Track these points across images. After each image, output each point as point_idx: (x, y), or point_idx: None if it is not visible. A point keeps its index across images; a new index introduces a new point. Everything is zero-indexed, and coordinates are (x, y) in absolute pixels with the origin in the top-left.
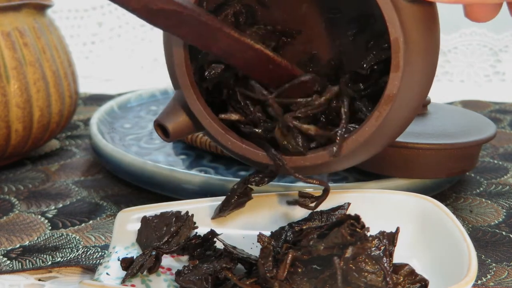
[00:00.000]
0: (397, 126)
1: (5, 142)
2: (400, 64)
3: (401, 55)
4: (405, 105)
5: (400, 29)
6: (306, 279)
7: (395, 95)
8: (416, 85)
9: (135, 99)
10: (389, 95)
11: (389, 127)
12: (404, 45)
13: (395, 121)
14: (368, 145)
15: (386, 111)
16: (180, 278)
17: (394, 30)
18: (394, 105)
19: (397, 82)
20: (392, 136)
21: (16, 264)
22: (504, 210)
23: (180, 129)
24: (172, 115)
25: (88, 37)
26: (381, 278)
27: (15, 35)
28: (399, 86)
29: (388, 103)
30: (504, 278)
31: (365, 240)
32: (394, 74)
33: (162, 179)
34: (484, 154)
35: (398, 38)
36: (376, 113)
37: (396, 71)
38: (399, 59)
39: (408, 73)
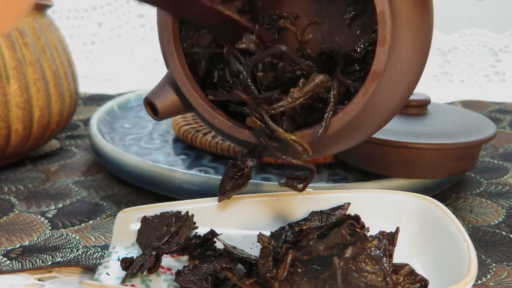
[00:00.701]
0: (388, 106)
1: (5, 142)
2: (386, 39)
3: (387, 28)
4: (395, 84)
5: (387, 2)
6: (306, 279)
7: (382, 70)
8: (407, 62)
9: (135, 99)
10: (376, 70)
11: (378, 107)
12: (390, 18)
13: (384, 100)
14: (356, 125)
15: (373, 88)
16: (180, 278)
17: (380, 2)
18: (382, 82)
19: (384, 57)
20: (383, 117)
21: (16, 264)
22: (504, 210)
23: (169, 107)
24: (161, 93)
25: (88, 37)
26: (381, 278)
27: (15, 35)
28: (386, 61)
29: (375, 79)
30: (504, 278)
31: (365, 240)
32: (380, 49)
33: (162, 179)
34: (484, 154)
35: (384, 11)
36: (363, 89)
37: (383, 45)
38: (386, 33)
39: (397, 49)
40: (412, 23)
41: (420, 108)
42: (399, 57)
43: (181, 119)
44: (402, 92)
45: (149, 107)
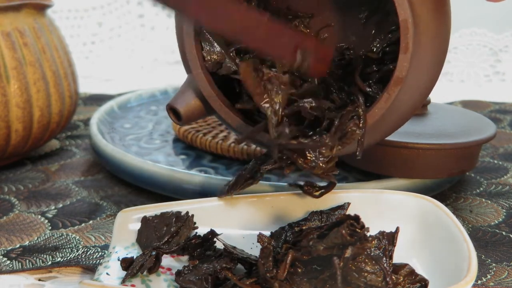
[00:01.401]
0: (407, 108)
1: (5, 142)
2: (409, 46)
3: (410, 36)
4: (415, 87)
5: (409, 10)
6: (306, 279)
7: (405, 76)
8: (426, 67)
9: (135, 99)
10: (398, 76)
11: (398, 110)
12: (413, 26)
13: (404, 103)
14: (377, 127)
15: (395, 93)
16: (180, 278)
17: (403, 11)
18: (404, 87)
19: (406, 64)
20: (401, 119)
21: (16, 264)
22: (504, 210)
23: (192, 112)
24: (184, 98)
25: (88, 37)
26: (381, 278)
27: (15, 35)
28: (408, 68)
29: (398, 85)
30: (504, 278)
31: (365, 240)
32: (403, 56)
33: (162, 179)
34: (484, 154)
35: (407, 19)
36: (386, 95)
37: (405, 52)
38: (408, 41)
39: (418, 55)
40: (432, 29)
41: (420, 108)
42: (419, 63)
43: None
44: (420, 95)
45: (172, 113)
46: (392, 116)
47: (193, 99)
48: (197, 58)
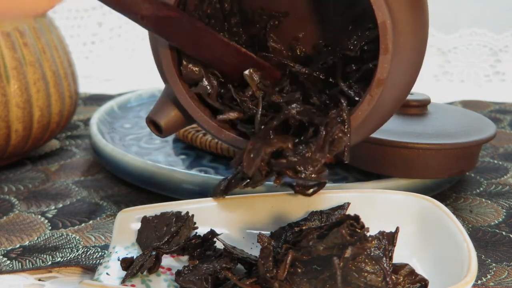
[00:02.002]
0: (389, 107)
1: (5, 142)
2: (389, 47)
3: (389, 37)
4: (397, 86)
5: (387, 12)
6: (306, 279)
7: (386, 78)
8: (406, 65)
9: (135, 99)
10: (380, 78)
11: (380, 109)
12: (392, 27)
13: (386, 102)
14: (359, 127)
15: (377, 95)
16: (180, 278)
17: (381, 13)
18: (385, 88)
19: (387, 65)
20: (383, 118)
21: (16, 264)
22: (504, 210)
23: (172, 123)
24: (163, 110)
25: (88, 37)
26: (381, 278)
27: (15, 35)
28: (389, 69)
29: (379, 86)
30: (504, 278)
31: (365, 240)
32: (383, 57)
33: (162, 179)
34: (484, 154)
35: (386, 21)
36: (368, 97)
37: (385, 53)
38: (388, 42)
39: (397, 55)
40: (410, 28)
41: (420, 108)
42: (399, 63)
43: None
44: (401, 93)
45: (153, 126)
46: (375, 116)
47: (172, 110)
48: (174, 71)
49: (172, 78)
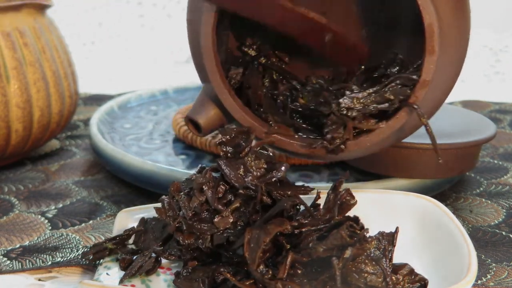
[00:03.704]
0: (430, 109)
1: (5, 142)
2: (435, 49)
3: (435, 39)
4: (440, 87)
5: (435, 14)
6: (306, 280)
7: (431, 79)
8: (449, 66)
9: (135, 99)
10: (425, 79)
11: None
12: (438, 29)
13: (428, 104)
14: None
15: (422, 96)
16: (178, 280)
17: (428, 15)
18: (429, 88)
19: (433, 66)
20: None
21: (16, 264)
22: (504, 210)
23: (212, 122)
24: (203, 109)
25: (88, 37)
26: (381, 278)
27: (15, 35)
28: (434, 70)
29: (424, 88)
30: (504, 278)
31: (364, 241)
32: (429, 58)
33: (162, 179)
34: (484, 154)
35: (433, 23)
36: (413, 97)
37: (431, 55)
38: (434, 43)
39: (442, 56)
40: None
41: None
42: (444, 62)
43: (181, 119)
44: (442, 95)
45: (191, 125)
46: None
47: (212, 109)
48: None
49: (213, 75)
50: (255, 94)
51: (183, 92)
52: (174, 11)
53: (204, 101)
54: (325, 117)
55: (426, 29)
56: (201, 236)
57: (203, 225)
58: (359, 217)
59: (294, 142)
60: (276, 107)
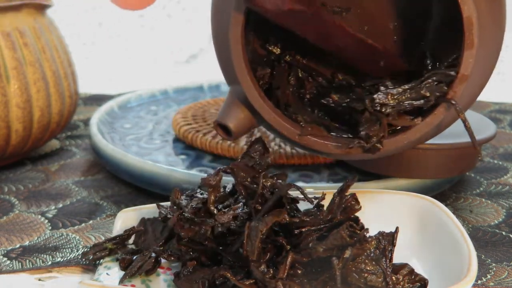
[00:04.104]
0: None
1: (5, 142)
2: (474, 42)
3: (475, 32)
4: (477, 81)
5: (474, 6)
6: (306, 280)
7: (470, 73)
8: (486, 60)
9: (135, 99)
10: (464, 74)
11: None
12: (477, 22)
13: (466, 97)
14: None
15: (460, 91)
16: (178, 281)
17: (467, 7)
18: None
19: (472, 60)
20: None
21: (16, 264)
22: (504, 210)
23: (242, 126)
24: (232, 113)
25: (88, 37)
26: (381, 278)
27: (15, 35)
28: (473, 65)
29: (463, 82)
30: (504, 278)
31: (364, 241)
32: (468, 52)
33: (162, 179)
34: (484, 154)
35: (472, 15)
36: (451, 92)
37: (470, 48)
38: (473, 37)
39: (480, 49)
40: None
41: None
42: (482, 56)
43: (181, 119)
44: (478, 89)
45: (221, 129)
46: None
47: (242, 112)
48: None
49: (244, 79)
50: (283, 94)
51: (183, 92)
52: (174, 11)
53: (233, 104)
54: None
55: (465, 22)
56: (202, 229)
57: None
58: (359, 217)
59: (329, 143)
60: (304, 106)
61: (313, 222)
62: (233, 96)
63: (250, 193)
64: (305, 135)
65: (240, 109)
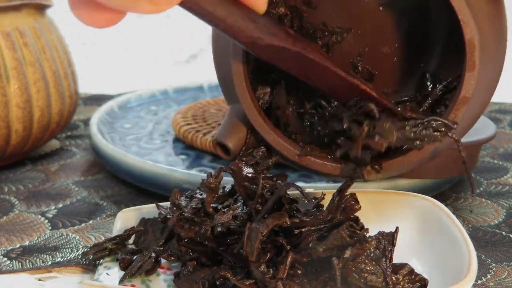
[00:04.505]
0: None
1: (5, 142)
2: (476, 64)
3: (477, 54)
4: (478, 103)
5: (476, 28)
6: (306, 280)
7: (471, 95)
8: (487, 81)
9: (135, 99)
10: (465, 96)
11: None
12: (479, 44)
13: (466, 120)
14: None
15: (461, 113)
16: (179, 281)
17: (469, 29)
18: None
19: (473, 82)
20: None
21: (16, 264)
22: (504, 210)
23: (241, 145)
24: (232, 132)
25: (88, 37)
26: (381, 278)
27: (15, 35)
28: (474, 87)
29: (464, 104)
30: (504, 278)
31: (364, 241)
32: (469, 74)
33: (162, 179)
34: (484, 154)
35: (474, 37)
36: (452, 115)
37: (472, 70)
38: (475, 59)
39: (481, 71)
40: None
41: None
42: (483, 77)
43: (181, 119)
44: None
45: (220, 148)
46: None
47: (241, 132)
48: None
49: (244, 97)
50: (283, 113)
51: (183, 92)
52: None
53: (233, 124)
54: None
55: (467, 44)
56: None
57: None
58: (359, 217)
59: (328, 164)
60: (304, 126)
61: (313, 222)
62: (233, 116)
63: (250, 194)
64: (304, 156)
65: (240, 128)
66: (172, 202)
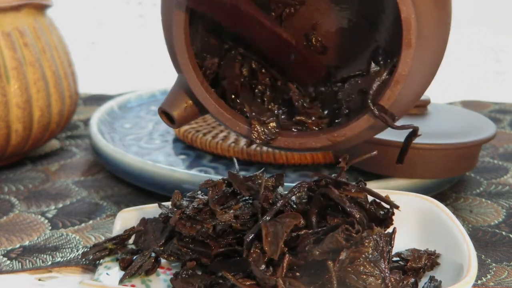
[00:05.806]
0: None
1: (5, 142)
2: (412, 42)
3: (413, 32)
4: (415, 82)
5: (412, 7)
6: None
7: (407, 73)
8: (427, 60)
9: (135, 99)
10: (401, 73)
11: (399, 105)
12: (415, 22)
13: (405, 97)
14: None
15: (398, 90)
16: (175, 281)
17: (405, 8)
18: (406, 83)
19: (409, 60)
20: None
21: (16, 264)
22: (504, 210)
23: (185, 115)
24: (176, 101)
25: (88, 37)
26: (380, 280)
27: (15, 35)
28: (411, 65)
29: (400, 82)
30: (504, 278)
31: (361, 245)
32: (406, 52)
33: (162, 179)
34: (484, 154)
35: (410, 15)
36: (389, 92)
37: (408, 48)
38: (411, 37)
39: (419, 50)
40: (433, 23)
41: (420, 108)
42: (422, 56)
43: None
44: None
45: (165, 117)
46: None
47: (185, 101)
48: (188, 59)
49: (185, 67)
50: (231, 84)
51: None
52: None
53: (178, 93)
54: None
55: (403, 22)
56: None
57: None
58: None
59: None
60: (255, 97)
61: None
62: (178, 85)
63: (253, 194)
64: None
65: (184, 98)
66: (173, 203)
